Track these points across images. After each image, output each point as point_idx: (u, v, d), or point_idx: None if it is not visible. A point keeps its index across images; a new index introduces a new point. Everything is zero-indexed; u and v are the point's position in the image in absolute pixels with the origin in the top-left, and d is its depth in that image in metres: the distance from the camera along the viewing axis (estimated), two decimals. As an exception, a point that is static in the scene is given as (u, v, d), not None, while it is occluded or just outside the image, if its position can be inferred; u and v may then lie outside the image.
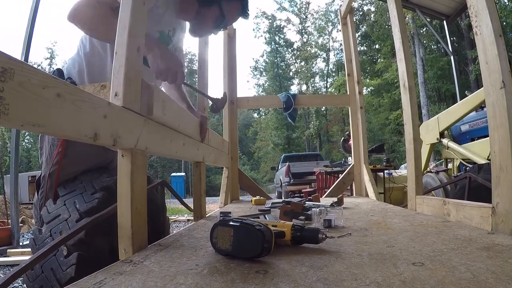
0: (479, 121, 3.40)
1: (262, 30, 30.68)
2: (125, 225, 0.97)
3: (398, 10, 1.98)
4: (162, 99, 1.19)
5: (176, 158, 1.60)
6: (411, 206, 1.87)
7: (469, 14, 1.26)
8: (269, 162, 27.60)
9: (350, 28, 3.41)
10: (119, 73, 0.98)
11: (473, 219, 1.25)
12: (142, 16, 1.09)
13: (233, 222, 0.84)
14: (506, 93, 1.06)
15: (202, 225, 1.49)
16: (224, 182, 3.11)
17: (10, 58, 0.56)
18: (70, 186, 1.38)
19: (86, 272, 0.77)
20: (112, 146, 0.90)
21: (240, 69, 4.34)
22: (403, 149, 15.84)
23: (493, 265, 0.71)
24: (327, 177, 5.40)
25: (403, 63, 1.93)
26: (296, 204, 1.60)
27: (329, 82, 28.50)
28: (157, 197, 1.70)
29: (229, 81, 3.39)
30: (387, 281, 0.64)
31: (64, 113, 0.70)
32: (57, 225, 1.23)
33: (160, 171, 29.37)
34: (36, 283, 1.16)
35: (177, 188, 15.61)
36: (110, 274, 0.73)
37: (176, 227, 5.21)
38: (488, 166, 2.09)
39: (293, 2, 29.38)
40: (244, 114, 35.87)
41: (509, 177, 1.05)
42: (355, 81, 3.35)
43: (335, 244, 0.98)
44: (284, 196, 9.74)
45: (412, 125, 1.88)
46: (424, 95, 15.78)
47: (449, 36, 7.78)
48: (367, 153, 3.24)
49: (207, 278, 0.69)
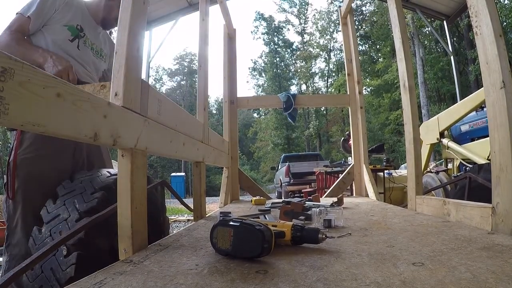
0: (479, 121, 3.40)
1: (260, 32, 30.73)
2: (125, 225, 0.97)
3: (398, 10, 1.98)
4: (157, 99, 1.19)
5: (176, 158, 1.60)
6: (411, 206, 1.87)
7: (469, 14, 1.26)
8: (269, 162, 27.60)
9: (350, 28, 3.41)
10: (119, 73, 0.98)
11: (473, 219, 1.25)
12: (142, 16, 1.09)
13: (233, 222, 0.84)
14: (506, 93, 1.06)
15: (202, 225, 1.48)
16: (224, 182, 3.11)
17: (10, 58, 0.56)
18: (69, 186, 1.38)
19: (85, 272, 0.77)
20: (112, 146, 0.90)
21: (239, 70, 4.34)
22: (403, 149, 15.84)
23: (493, 265, 0.71)
24: (327, 177, 5.40)
25: (403, 63, 1.93)
26: (296, 204, 1.60)
27: (329, 82, 28.50)
28: (157, 197, 1.70)
29: (229, 81, 3.39)
30: (387, 281, 0.64)
31: (64, 113, 0.70)
32: (56, 225, 1.23)
33: (160, 171, 29.36)
34: (36, 283, 1.16)
35: (177, 188, 15.61)
36: (110, 274, 0.73)
37: (176, 227, 5.20)
38: (488, 166, 2.08)
39: (292, 3, 29.41)
40: (244, 114, 35.87)
41: (509, 177, 1.05)
42: (355, 81, 3.35)
43: (335, 244, 0.98)
44: (284, 196, 9.74)
45: (412, 125, 1.88)
46: (424, 95, 15.78)
47: (449, 36, 7.78)
48: (367, 153, 3.24)
49: (207, 278, 0.69)
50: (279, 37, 30.85)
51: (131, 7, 1.02)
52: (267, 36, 30.58)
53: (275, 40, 30.77)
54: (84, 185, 1.36)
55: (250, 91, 32.76)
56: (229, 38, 3.47)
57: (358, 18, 24.55)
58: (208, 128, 2.07)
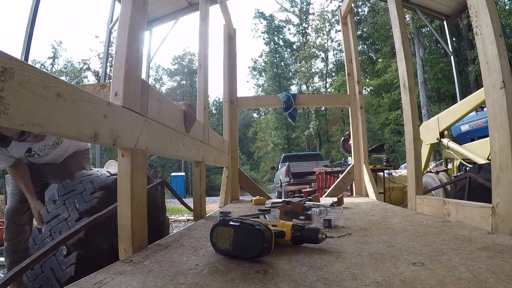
0: (479, 121, 3.40)
1: (260, 31, 30.66)
2: (125, 225, 0.97)
3: (398, 10, 1.98)
4: (158, 99, 1.19)
5: (176, 158, 1.61)
6: (411, 206, 1.87)
7: (469, 14, 1.26)
8: (269, 162, 27.57)
9: (350, 28, 3.41)
10: (119, 73, 0.98)
11: (473, 219, 1.25)
12: (142, 17, 1.09)
13: (233, 222, 0.84)
14: (506, 93, 1.06)
15: (202, 225, 1.48)
16: (224, 182, 3.11)
17: (10, 58, 0.56)
18: (69, 186, 1.39)
19: (85, 271, 0.77)
20: (112, 146, 0.90)
21: (239, 69, 4.34)
22: (403, 149, 15.83)
23: (493, 265, 0.71)
24: (327, 177, 5.39)
25: (403, 63, 1.93)
26: (296, 204, 1.60)
27: (328, 82, 28.46)
28: (157, 197, 1.70)
29: (229, 81, 3.39)
30: (387, 281, 0.64)
31: (64, 112, 0.70)
32: (56, 225, 1.23)
33: (160, 171, 29.34)
34: (36, 282, 1.16)
35: (177, 188, 15.59)
36: (110, 274, 0.73)
37: (176, 227, 5.20)
38: (488, 166, 2.08)
39: (294, 3, 29.35)
40: (244, 114, 35.85)
41: (509, 177, 1.05)
42: (355, 81, 3.35)
43: (335, 244, 0.98)
44: (284, 196, 9.73)
45: (412, 125, 1.88)
46: (424, 95, 15.77)
47: (449, 36, 7.78)
48: (367, 153, 3.24)
49: (207, 278, 0.69)
50: (279, 37, 30.82)
51: (131, 7, 1.02)
52: (267, 36, 30.54)
53: (275, 40, 30.74)
54: (84, 185, 1.36)
55: (250, 91, 32.73)
56: (229, 38, 3.46)
57: (355, 19, 24.48)
58: (208, 128, 2.07)
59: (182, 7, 7.26)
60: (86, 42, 63.96)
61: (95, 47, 32.66)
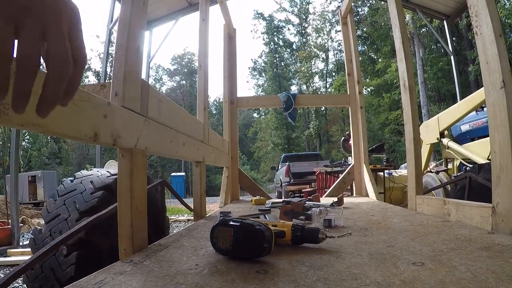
0: (479, 121, 3.40)
1: (260, 31, 30.63)
2: (125, 224, 0.97)
3: (398, 10, 1.98)
4: (158, 99, 1.19)
5: (176, 158, 1.61)
6: (411, 206, 1.87)
7: (469, 14, 1.26)
8: (269, 162, 27.58)
9: (350, 28, 3.41)
10: (119, 73, 0.98)
11: (473, 219, 1.25)
12: (142, 17, 1.09)
13: (233, 222, 0.84)
14: (506, 92, 1.06)
15: (202, 225, 1.48)
16: (224, 182, 3.11)
17: (10, 57, 0.56)
18: (69, 186, 1.39)
19: (85, 271, 0.77)
20: (112, 146, 0.90)
21: (239, 69, 4.34)
22: (403, 149, 15.83)
23: (493, 264, 0.71)
24: (327, 177, 5.39)
25: (403, 63, 1.93)
26: (296, 204, 1.60)
27: (328, 82, 28.46)
28: (157, 197, 1.70)
29: (229, 81, 3.39)
30: (387, 281, 0.64)
31: (64, 112, 0.70)
32: (57, 225, 1.23)
33: (160, 171, 29.35)
34: (36, 282, 1.16)
35: (177, 188, 15.59)
36: (110, 274, 0.73)
37: (176, 227, 5.20)
38: (488, 166, 2.08)
39: (293, 3, 29.35)
40: (244, 114, 35.86)
41: (509, 177, 1.05)
42: (355, 81, 3.35)
43: (335, 244, 0.98)
44: (284, 196, 9.74)
45: (412, 125, 1.88)
46: (424, 95, 15.77)
47: (449, 36, 7.77)
48: (367, 153, 3.24)
49: (207, 278, 0.69)
50: (279, 37, 30.81)
51: (131, 7, 1.02)
52: (267, 36, 30.53)
53: (275, 40, 30.73)
54: (84, 185, 1.36)
55: (250, 91, 32.72)
56: (229, 38, 3.47)
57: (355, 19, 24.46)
58: (208, 128, 2.07)
59: (182, 7, 7.26)
60: (87, 42, 64.00)
61: (96, 47, 32.64)
